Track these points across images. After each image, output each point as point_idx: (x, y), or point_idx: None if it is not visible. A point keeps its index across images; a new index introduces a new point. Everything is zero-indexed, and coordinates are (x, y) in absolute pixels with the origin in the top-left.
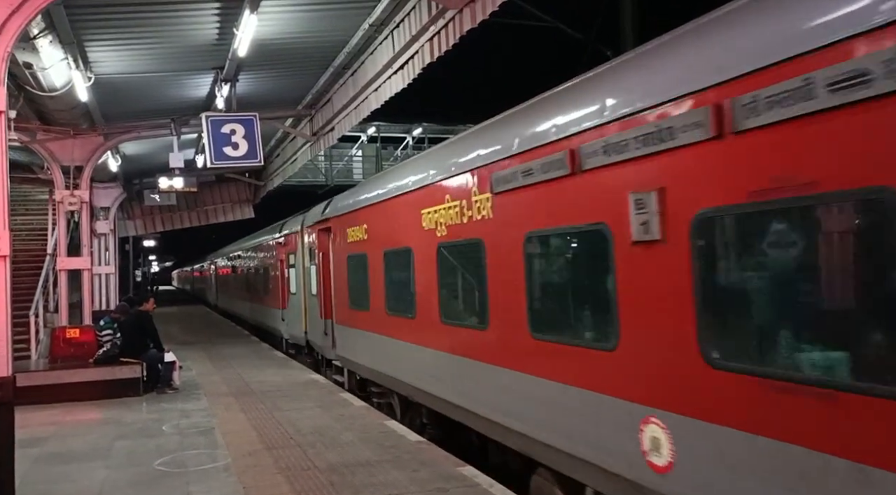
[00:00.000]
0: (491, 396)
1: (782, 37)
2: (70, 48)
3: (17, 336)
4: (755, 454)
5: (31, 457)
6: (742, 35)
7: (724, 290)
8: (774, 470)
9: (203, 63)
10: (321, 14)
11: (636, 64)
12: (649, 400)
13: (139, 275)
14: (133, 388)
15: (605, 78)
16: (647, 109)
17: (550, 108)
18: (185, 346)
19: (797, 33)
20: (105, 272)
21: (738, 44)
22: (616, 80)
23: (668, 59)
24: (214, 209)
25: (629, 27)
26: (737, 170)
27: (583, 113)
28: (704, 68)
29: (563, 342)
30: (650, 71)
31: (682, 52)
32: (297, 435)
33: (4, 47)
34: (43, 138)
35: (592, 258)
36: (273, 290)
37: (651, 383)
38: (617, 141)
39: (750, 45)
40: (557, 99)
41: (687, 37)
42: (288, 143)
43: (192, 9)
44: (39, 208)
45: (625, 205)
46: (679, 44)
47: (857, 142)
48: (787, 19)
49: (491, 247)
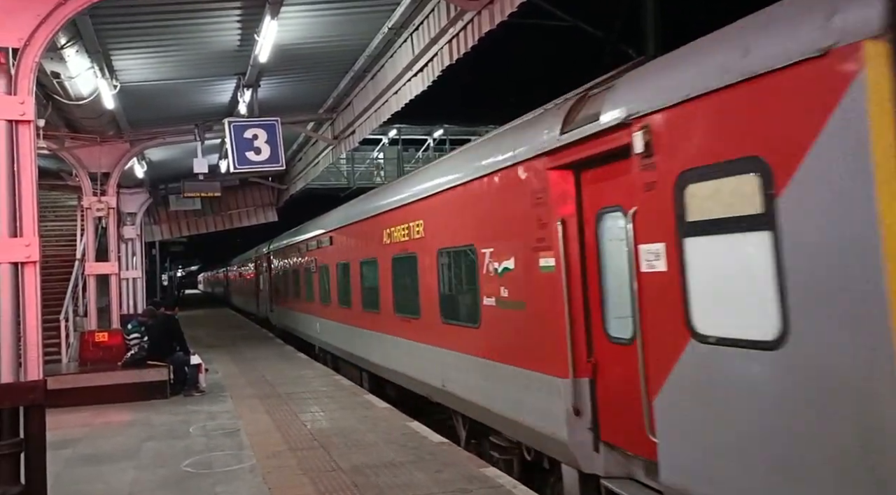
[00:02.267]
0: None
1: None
2: (96, 57)
3: (48, 339)
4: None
5: (63, 459)
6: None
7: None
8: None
9: (225, 69)
10: (341, 18)
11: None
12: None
13: (165, 279)
14: (160, 391)
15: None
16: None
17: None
18: (211, 349)
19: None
20: (132, 276)
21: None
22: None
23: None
24: (238, 213)
25: (651, 25)
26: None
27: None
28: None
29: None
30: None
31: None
32: (320, 437)
33: (33, 57)
34: (71, 146)
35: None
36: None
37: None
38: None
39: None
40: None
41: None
42: (310, 147)
43: (214, 16)
44: (68, 214)
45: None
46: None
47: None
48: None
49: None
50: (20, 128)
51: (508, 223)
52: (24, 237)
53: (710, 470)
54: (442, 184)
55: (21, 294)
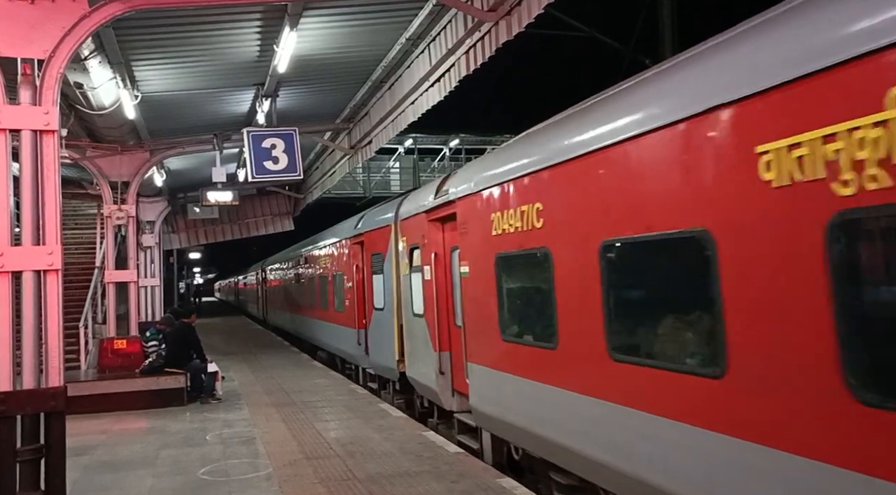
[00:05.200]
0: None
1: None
2: (118, 68)
3: (68, 346)
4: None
5: (82, 465)
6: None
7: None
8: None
9: (244, 80)
10: (359, 29)
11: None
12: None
13: (183, 286)
14: (177, 398)
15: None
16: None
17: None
18: (227, 357)
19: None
20: (150, 284)
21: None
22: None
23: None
24: (255, 222)
25: (668, 35)
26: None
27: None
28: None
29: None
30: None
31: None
32: (336, 446)
33: (57, 69)
34: (92, 155)
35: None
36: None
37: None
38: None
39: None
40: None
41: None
42: (326, 157)
43: (234, 28)
44: (88, 222)
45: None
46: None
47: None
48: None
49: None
50: (44, 138)
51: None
52: (46, 245)
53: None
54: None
55: (43, 301)
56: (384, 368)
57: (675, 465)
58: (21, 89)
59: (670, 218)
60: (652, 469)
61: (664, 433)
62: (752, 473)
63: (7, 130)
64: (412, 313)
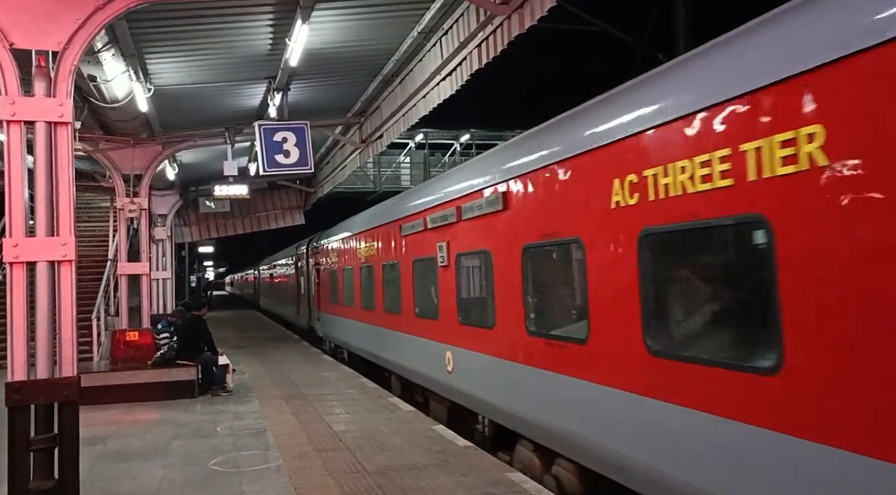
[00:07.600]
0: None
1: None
2: (131, 61)
3: (81, 338)
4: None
5: (94, 455)
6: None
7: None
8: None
9: (256, 73)
10: (371, 23)
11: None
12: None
13: (194, 280)
14: (188, 390)
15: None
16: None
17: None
18: (238, 350)
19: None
20: (162, 277)
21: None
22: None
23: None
24: (266, 216)
25: (682, 29)
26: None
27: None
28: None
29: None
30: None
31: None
32: (345, 438)
33: (71, 61)
34: (105, 148)
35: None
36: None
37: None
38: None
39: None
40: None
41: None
42: (337, 151)
43: (246, 21)
44: (101, 215)
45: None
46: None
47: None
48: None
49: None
50: (58, 130)
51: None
52: (60, 236)
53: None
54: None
55: (57, 292)
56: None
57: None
58: (35, 81)
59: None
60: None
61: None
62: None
63: (22, 122)
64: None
